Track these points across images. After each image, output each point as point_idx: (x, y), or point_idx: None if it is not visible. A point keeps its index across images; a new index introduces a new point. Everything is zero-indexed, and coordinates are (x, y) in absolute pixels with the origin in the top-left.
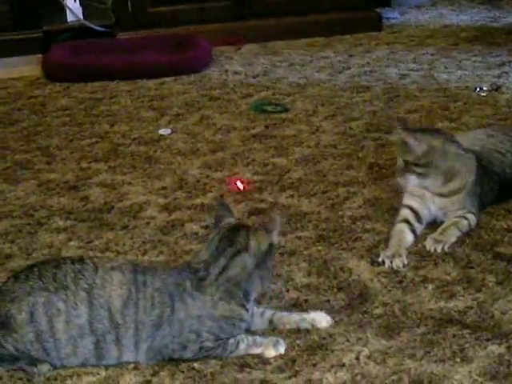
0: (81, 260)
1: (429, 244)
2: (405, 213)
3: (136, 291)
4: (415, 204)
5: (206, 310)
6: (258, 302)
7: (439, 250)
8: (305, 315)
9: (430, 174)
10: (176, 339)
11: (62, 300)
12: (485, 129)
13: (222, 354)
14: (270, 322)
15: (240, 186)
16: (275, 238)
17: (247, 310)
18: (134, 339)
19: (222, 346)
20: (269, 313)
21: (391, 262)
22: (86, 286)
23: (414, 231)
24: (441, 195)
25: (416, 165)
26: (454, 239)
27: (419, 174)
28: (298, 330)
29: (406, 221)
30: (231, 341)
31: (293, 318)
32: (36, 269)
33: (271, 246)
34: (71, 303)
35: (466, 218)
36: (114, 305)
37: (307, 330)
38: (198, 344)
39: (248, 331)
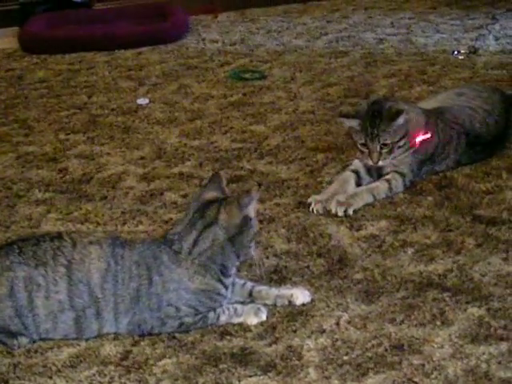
0: (59, 236)
1: (333, 207)
2: (356, 165)
3: (115, 264)
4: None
5: (182, 283)
6: (238, 270)
7: (340, 213)
8: (283, 291)
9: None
10: (155, 313)
11: (42, 275)
12: (454, 89)
13: (202, 326)
14: (250, 294)
15: None
16: (251, 212)
17: (225, 285)
18: (114, 312)
19: (202, 320)
20: (249, 285)
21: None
22: (65, 262)
23: (359, 184)
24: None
25: (398, 141)
26: (362, 203)
27: (402, 147)
28: (275, 306)
29: (356, 172)
30: (211, 314)
31: (271, 294)
32: (16, 246)
33: (246, 219)
34: (51, 279)
35: (388, 182)
36: (94, 278)
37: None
38: (177, 320)
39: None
